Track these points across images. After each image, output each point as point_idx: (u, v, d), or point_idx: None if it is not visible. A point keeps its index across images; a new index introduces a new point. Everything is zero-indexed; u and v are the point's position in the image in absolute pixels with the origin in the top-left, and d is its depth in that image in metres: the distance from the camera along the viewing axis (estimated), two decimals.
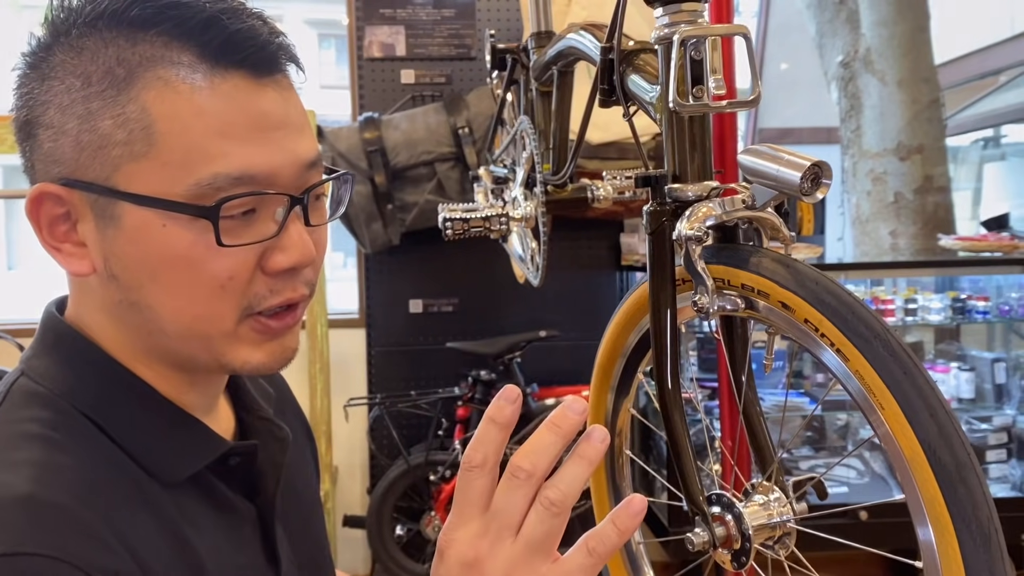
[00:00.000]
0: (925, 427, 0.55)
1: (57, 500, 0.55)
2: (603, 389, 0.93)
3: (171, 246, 0.59)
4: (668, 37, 0.70)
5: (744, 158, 0.66)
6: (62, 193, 0.61)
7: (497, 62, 1.52)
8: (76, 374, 0.63)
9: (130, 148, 0.58)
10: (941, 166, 3.71)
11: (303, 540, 0.77)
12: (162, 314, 0.62)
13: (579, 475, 0.53)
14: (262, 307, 0.63)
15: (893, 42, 3.75)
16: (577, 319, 3.24)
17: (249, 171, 0.59)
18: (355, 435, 3.28)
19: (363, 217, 2.95)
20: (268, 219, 0.61)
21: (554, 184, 1.24)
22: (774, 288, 0.64)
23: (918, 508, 0.56)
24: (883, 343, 0.57)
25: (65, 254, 0.62)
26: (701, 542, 0.69)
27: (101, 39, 0.59)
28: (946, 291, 2.98)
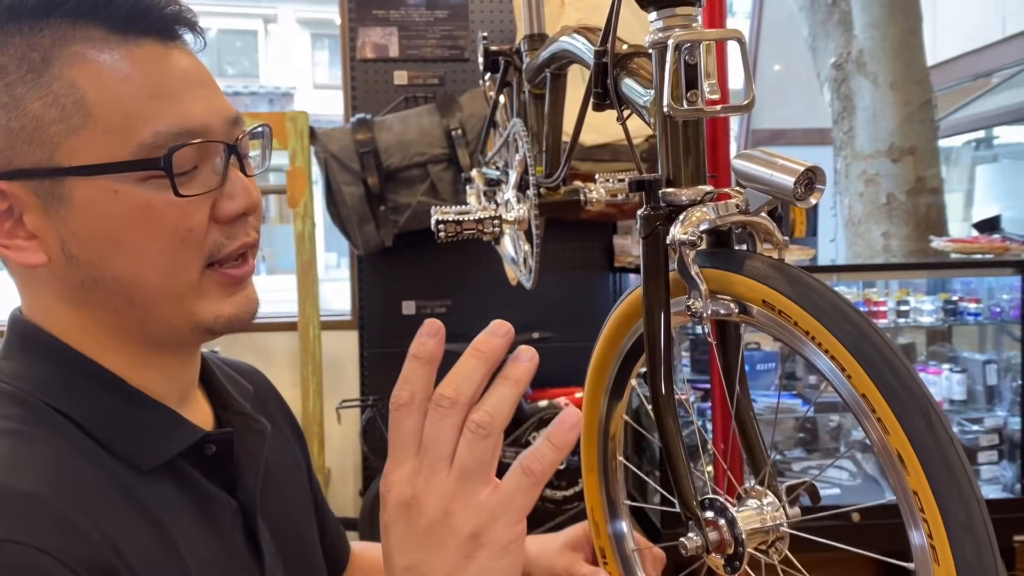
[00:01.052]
0: (918, 432, 0.55)
1: (29, 489, 0.55)
2: (597, 393, 0.93)
3: (127, 209, 0.61)
4: (662, 41, 0.70)
5: (738, 163, 0.66)
6: (2, 186, 0.61)
7: (490, 64, 1.51)
8: (43, 370, 0.64)
9: (67, 124, 0.60)
10: (933, 168, 3.72)
11: (289, 534, 0.77)
12: (128, 281, 0.62)
13: (507, 396, 0.51)
14: (221, 255, 0.65)
15: (885, 44, 3.76)
16: (570, 321, 3.24)
17: (186, 126, 0.62)
18: (348, 437, 3.27)
19: (356, 219, 2.94)
20: (210, 172, 0.64)
21: (547, 187, 1.24)
22: (768, 292, 0.64)
23: (909, 511, 0.56)
24: (876, 348, 0.57)
25: (16, 249, 0.62)
26: (695, 546, 0.69)
27: (4, 32, 0.60)
28: (938, 293, 2.99)
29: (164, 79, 0.62)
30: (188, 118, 0.62)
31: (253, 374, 0.88)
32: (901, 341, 3.14)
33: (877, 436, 0.58)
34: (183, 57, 0.64)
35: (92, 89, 0.60)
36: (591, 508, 0.96)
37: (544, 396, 3.06)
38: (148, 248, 0.62)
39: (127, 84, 0.60)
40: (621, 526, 0.94)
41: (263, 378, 0.89)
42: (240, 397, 0.77)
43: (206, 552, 0.65)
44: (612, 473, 0.95)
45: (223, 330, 0.67)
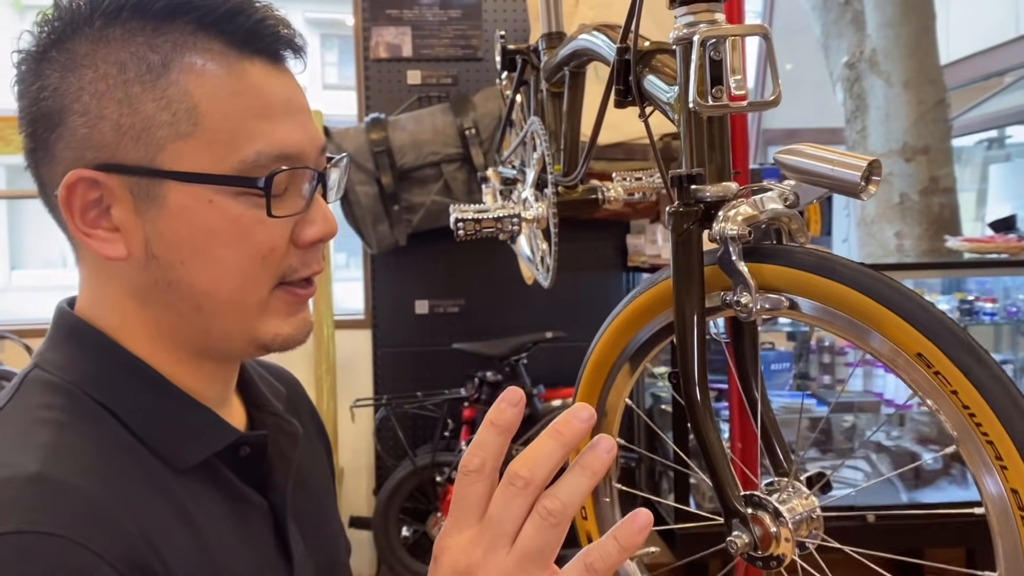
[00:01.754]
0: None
1: (67, 480, 0.55)
2: (595, 389, 0.92)
3: (218, 220, 0.62)
4: (688, 37, 0.70)
5: (788, 158, 0.66)
6: (99, 178, 0.61)
7: (507, 63, 1.52)
8: (88, 363, 0.64)
9: (175, 129, 0.61)
10: (947, 167, 3.69)
11: (317, 536, 0.77)
12: (202, 288, 0.63)
13: (581, 486, 0.50)
14: (292, 278, 0.66)
15: (899, 43, 3.74)
16: (583, 320, 3.22)
17: (285, 150, 0.63)
18: (361, 436, 3.28)
19: (369, 218, 2.95)
20: (296, 195, 0.65)
21: (565, 185, 1.24)
22: (820, 281, 0.63)
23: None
24: (952, 333, 0.58)
25: (97, 240, 0.63)
26: (744, 544, 0.68)
27: (126, 29, 0.61)
28: (953, 293, 2.98)
29: (270, 101, 0.63)
30: (289, 142, 0.63)
31: (286, 376, 0.89)
32: None
33: (950, 413, 0.59)
34: (288, 81, 0.66)
35: (205, 100, 0.61)
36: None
37: (556, 395, 3.06)
38: (229, 260, 0.63)
39: (237, 100, 0.62)
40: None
41: (295, 381, 0.90)
42: (273, 398, 0.78)
43: (238, 551, 0.65)
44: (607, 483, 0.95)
45: (278, 348, 0.68)
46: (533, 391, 3.00)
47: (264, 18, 0.64)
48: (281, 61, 0.66)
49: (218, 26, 0.62)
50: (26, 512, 0.52)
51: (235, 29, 0.62)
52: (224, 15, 0.62)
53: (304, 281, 0.68)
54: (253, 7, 0.64)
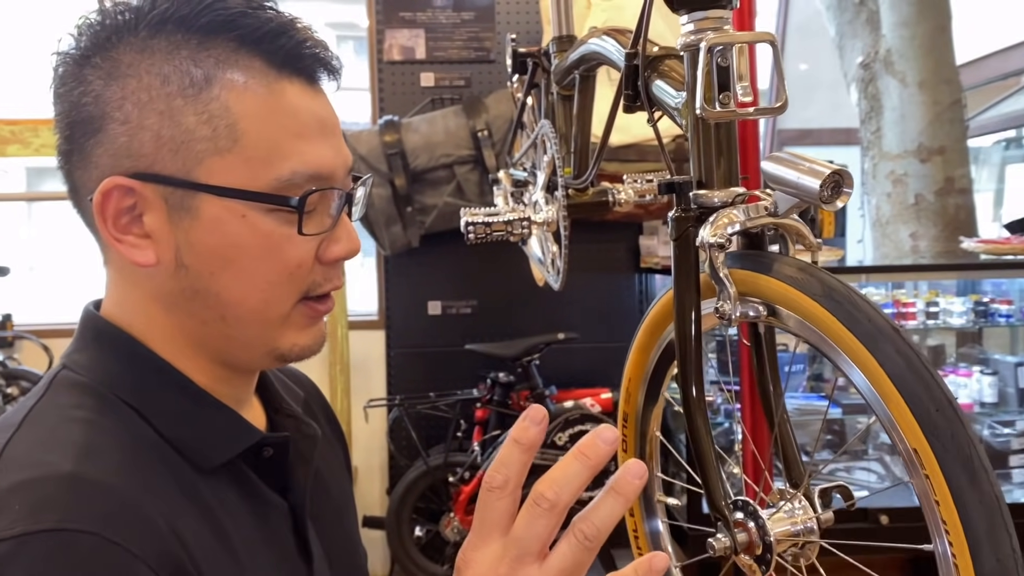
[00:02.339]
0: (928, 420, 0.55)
1: (101, 479, 0.56)
2: (633, 396, 0.93)
3: (249, 235, 0.63)
4: (695, 44, 0.70)
5: (767, 165, 0.66)
6: (134, 186, 0.63)
7: (518, 66, 1.52)
8: (116, 364, 0.66)
9: (214, 143, 0.62)
10: (962, 168, 3.67)
11: (335, 537, 0.78)
12: (228, 299, 0.65)
13: (615, 510, 0.52)
14: (315, 293, 0.68)
15: (914, 43, 3.72)
16: (596, 321, 3.24)
17: (319, 170, 0.65)
18: (375, 436, 3.30)
19: (383, 219, 2.96)
20: (324, 214, 0.67)
21: (575, 188, 1.25)
22: (796, 295, 0.64)
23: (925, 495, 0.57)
24: (904, 358, 0.57)
25: (127, 245, 0.64)
26: (722, 547, 0.69)
27: (170, 41, 0.62)
28: (968, 294, 2.96)
29: (306, 121, 0.65)
30: (322, 163, 0.65)
31: (303, 379, 0.90)
32: (930, 343, 3.10)
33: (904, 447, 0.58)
34: (323, 101, 0.67)
35: (244, 117, 0.62)
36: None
37: (569, 396, 3.06)
38: (257, 274, 0.64)
39: (277, 120, 0.63)
40: (657, 524, 0.95)
41: (312, 383, 0.91)
42: (291, 401, 0.79)
43: (260, 552, 0.66)
44: (650, 474, 0.96)
45: (295, 359, 0.70)
46: (545, 392, 3.00)
47: (305, 40, 0.65)
48: (317, 82, 0.67)
49: (260, 45, 0.63)
50: (62, 510, 0.53)
51: (276, 49, 0.64)
52: (267, 35, 0.63)
53: (323, 296, 0.69)
54: (295, 28, 0.65)
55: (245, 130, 0.62)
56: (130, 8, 0.63)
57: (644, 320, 0.86)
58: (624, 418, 0.92)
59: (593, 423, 2.94)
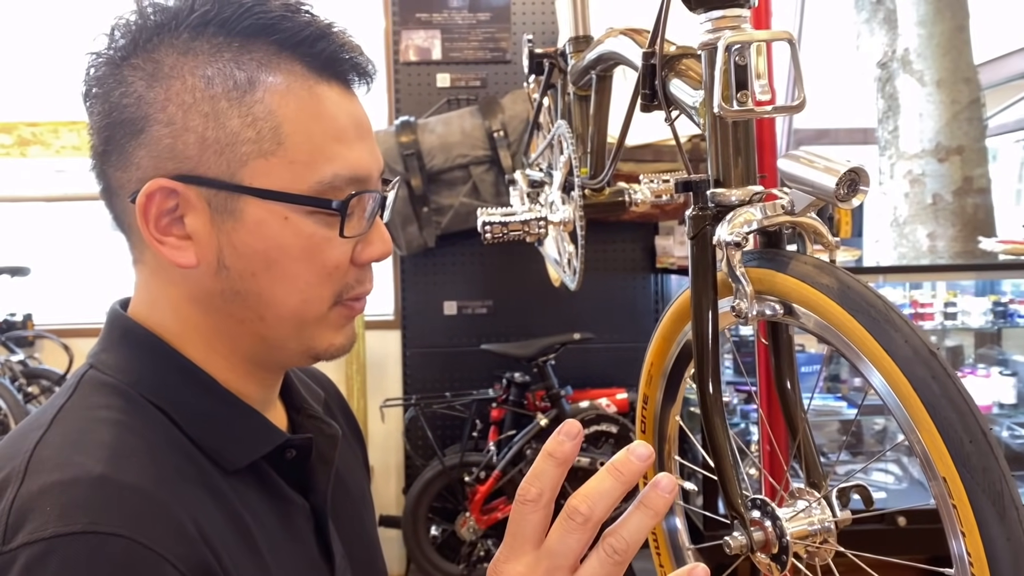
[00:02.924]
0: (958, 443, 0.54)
1: (130, 481, 0.57)
2: (652, 395, 0.93)
3: (292, 237, 0.64)
4: (712, 43, 0.70)
5: (783, 163, 0.66)
6: (178, 188, 0.63)
7: (534, 66, 1.53)
8: (143, 365, 0.66)
9: (259, 146, 0.62)
10: (981, 167, 3.64)
11: (355, 537, 0.79)
12: (269, 300, 0.65)
13: (644, 525, 0.53)
14: (350, 295, 0.68)
15: (932, 42, 3.69)
16: (611, 322, 3.24)
17: (358, 173, 0.66)
18: (391, 435, 3.31)
19: (399, 220, 2.97)
20: (360, 217, 0.67)
21: (592, 188, 1.25)
22: (812, 293, 0.64)
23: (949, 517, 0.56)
24: (921, 359, 0.57)
25: (169, 247, 0.64)
26: (738, 545, 0.69)
27: (212, 44, 0.63)
28: (987, 295, 2.93)
29: (346, 125, 0.65)
30: (361, 166, 0.66)
31: (323, 379, 0.90)
32: (948, 343, 3.08)
33: (920, 447, 0.57)
34: (358, 106, 0.68)
35: (288, 120, 0.63)
36: None
37: (584, 396, 3.06)
38: (298, 275, 0.65)
39: (318, 123, 0.64)
40: (675, 522, 0.95)
41: (332, 384, 0.92)
42: (313, 401, 0.79)
43: (284, 552, 0.67)
44: (667, 470, 0.96)
45: (329, 358, 0.71)
46: (560, 392, 3.00)
47: (343, 45, 0.66)
48: (352, 86, 0.68)
49: (300, 49, 0.64)
50: (93, 513, 0.54)
51: (317, 53, 0.64)
52: (307, 39, 0.64)
53: (357, 297, 0.70)
54: (335, 33, 0.66)
55: (289, 133, 0.63)
56: (168, 10, 0.63)
57: (669, 308, 0.86)
58: (644, 400, 0.93)
59: (609, 423, 2.93)
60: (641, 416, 0.94)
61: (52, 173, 3.26)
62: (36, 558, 0.51)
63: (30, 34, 3.29)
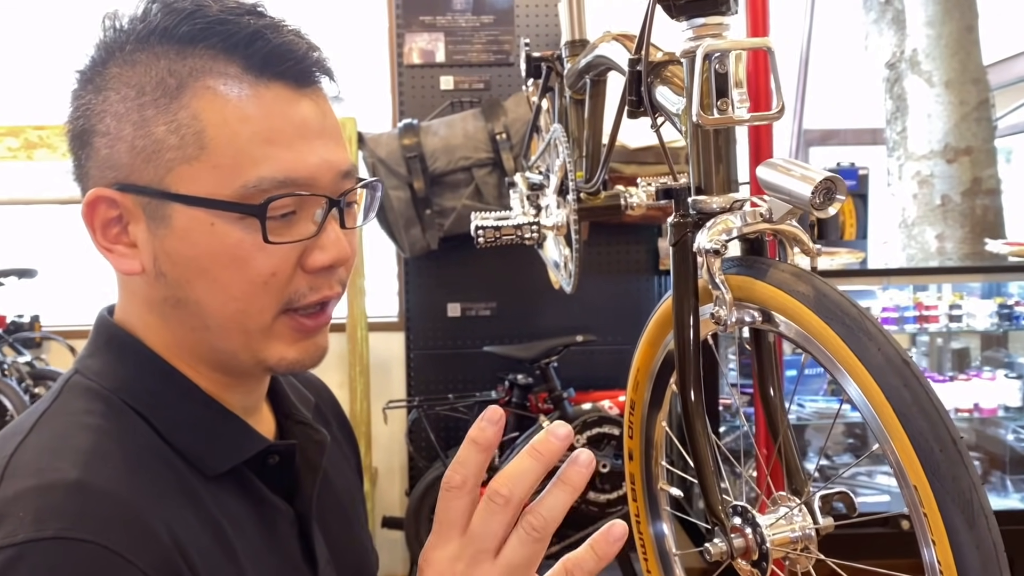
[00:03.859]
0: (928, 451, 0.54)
1: (106, 487, 0.57)
2: (639, 401, 0.93)
3: (219, 243, 0.63)
4: (693, 50, 0.71)
5: (761, 172, 0.66)
6: (116, 197, 0.64)
7: (532, 70, 1.53)
8: (125, 370, 0.67)
9: (183, 152, 0.62)
10: (990, 168, 3.62)
11: (342, 542, 0.78)
12: (206, 309, 0.65)
13: (562, 501, 0.53)
14: (301, 303, 0.66)
15: (940, 42, 3.67)
16: (615, 324, 3.23)
17: (291, 175, 0.63)
18: (394, 437, 3.31)
19: (402, 222, 2.98)
20: (307, 220, 0.65)
21: (587, 191, 1.25)
22: (789, 301, 0.64)
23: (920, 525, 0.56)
24: (894, 367, 0.57)
25: (117, 255, 0.65)
26: (719, 552, 0.70)
27: (152, 53, 0.63)
28: (993, 297, 2.91)
29: (282, 125, 0.63)
30: (296, 167, 0.63)
31: (315, 383, 0.90)
32: (954, 346, 3.06)
33: (894, 459, 0.57)
34: (309, 105, 0.65)
35: (212, 124, 0.62)
36: (634, 513, 0.97)
37: (588, 399, 3.06)
38: (230, 284, 0.63)
39: (246, 125, 0.62)
40: (662, 527, 0.95)
41: (324, 387, 0.92)
42: (302, 407, 0.79)
43: (263, 558, 0.67)
44: (654, 475, 0.96)
45: (285, 371, 0.69)
46: (563, 394, 3.00)
47: (284, 43, 0.63)
48: (306, 85, 0.65)
49: (236, 51, 0.63)
50: (66, 519, 0.54)
51: (252, 54, 0.63)
52: (243, 39, 0.62)
53: (316, 307, 0.67)
54: (276, 31, 0.64)
55: (213, 137, 0.62)
56: (120, 28, 0.64)
57: (653, 315, 0.86)
58: (631, 405, 0.93)
59: (611, 425, 2.93)
60: (628, 422, 0.95)
61: (60, 176, 3.29)
62: (6, 563, 0.52)
63: (37, 38, 3.31)
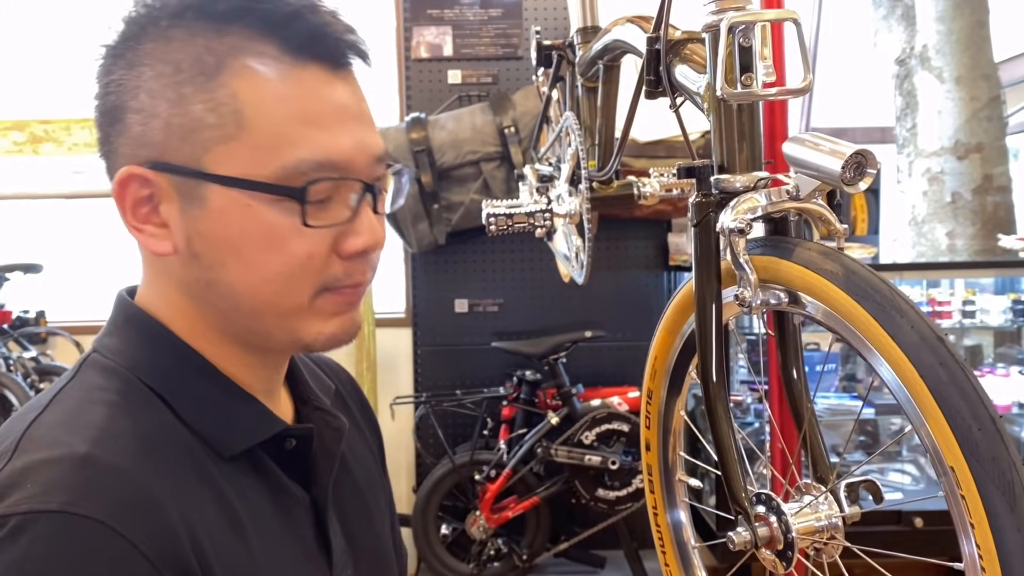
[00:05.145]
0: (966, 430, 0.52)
1: (115, 463, 0.56)
2: (656, 388, 0.91)
3: (255, 225, 0.62)
4: (716, 24, 0.69)
5: (788, 147, 0.64)
6: (149, 175, 0.63)
7: (543, 59, 1.51)
8: (143, 350, 0.66)
9: (221, 131, 0.61)
10: (1001, 165, 3.59)
11: (361, 532, 0.77)
12: (240, 291, 0.64)
13: None
14: (336, 287, 0.65)
15: (951, 38, 3.65)
16: (623, 320, 3.21)
17: (330, 158, 0.62)
18: (401, 433, 3.30)
19: (409, 217, 2.96)
20: (342, 205, 0.64)
21: (599, 181, 1.23)
22: (817, 281, 0.62)
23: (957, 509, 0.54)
24: (929, 344, 0.54)
25: (147, 235, 0.64)
26: (742, 541, 0.67)
27: (188, 29, 0.62)
28: (1007, 293, 2.89)
29: (320, 107, 0.62)
30: (333, 150, 0.62)
31: (336, 370, 0.89)
32: (967, 342, 3.04)
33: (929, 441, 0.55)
34: (345, 87, 0.64)
35: (251, 104, 0.61)
36: (652, 504, 0.95)
37: (596, 395, 3.04)
38: (265, 266, 0.63)
39: (284, 106, 0.61)
40: (679, 515, 0.93)
41: (345, 373, 0.90)
42: (321, 393, 0.78)
43: (276, 542, 0.66)
44: (672, 465, 0.94)
45: (321, 348, 0.68)
46: (572, 390, 2.98)
47: (323, 23, 0.63)
48: (342, 67, 0.65)
49: (274, 31, 0.62)
50: (70, 493, 0.53)
51: (290, 34, 0.62)
52: (282, 19, 0.61)
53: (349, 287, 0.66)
54: (314, 12, 0.63)
55: (251, 117, 0.61)
56: (154, 2, 0.63)
57: (671, 301, 0.84)
58: (648, 395, 0.91)
59: (620, 422, 2.91)
60: (646, 411, 0.93)
61: (66, 170, 3.28)
62: (9, 532, 0.51)
63: (42, 32, 3.30)
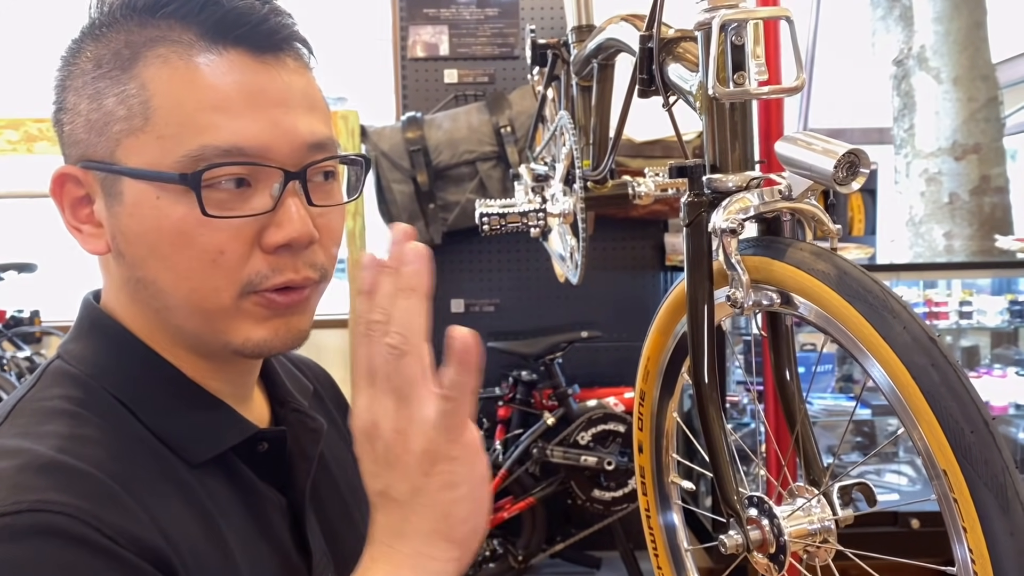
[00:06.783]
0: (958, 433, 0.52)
1: (80, 467, 0.55)
2: (649, 389, 0.90)
3: (164, 219, 0.59)
4: (708, 22, 0.68)
5: (780, 146, 0.64)
6: (79, 174, 0.62)
7: (537, 58, 1.50)
8: (107, 356, 0.64)
9: (129, 123, 0.59)
10: (999, 166, 3.59)
11: (342, 534, 0.76)
12: (164, 289, 0.62)
13: (411, 308, 0.53)
14: (264, 286, 0.62)
15: (949, 39, 3.65)
16: (620, 320, 3.21)
17: (239, 144, 0.58)
18: None
19: (405, 216, 2.96)
20: (264, 194, 0.61)
21: (593, 180, 1.22)
22: (810, 281, 0.61)
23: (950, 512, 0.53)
24: (921, 346, 0.54)
25: (84, 234, 0.64)
26: (734, 544, 0.67)
27: (117, 27, 0.61)
28: (1004, 294, 2.89)
29: (234, 93, 0.59)
30: (243, 136, 0.58)
31: (315, 370, 0.88)
32: (964, 343, 3.03)
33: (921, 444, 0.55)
34: (270, 73, 0.61)
35: (158, 94, 0.59)
36: (644, 505, 0.95)
37: (593, 395, 3.03)
38: (178, 262, 0.60)
39: (193, 93, 0.58)
40: (672, 518, 0.92)
41: (324, 373, 0.89)
42: (299, 394, 0.77)
43: (252, 547, 0.64)
44: (665, 468, 0.93)
45: (253, 354, 0.64)
46: (568, 391, 2.97)
47: (243, 7, 0.60)
48: (267, 51, 0.61)
49: (190, 18, 0.60)
50: (40, 492, 0.53)
51: (206, 18, 0.60)
52: (197, 5, 0.60)
53: (283, 288, 0.62)
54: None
55: (157, 107, 0.58)
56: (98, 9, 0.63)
57: (664, 302, 0.83)
58: (641, 396, 0.90)
59: (616, 422, 2.90)
60: (638, 413, 0.92)
61: None
62: None
63: (36, 30, 3.29)
